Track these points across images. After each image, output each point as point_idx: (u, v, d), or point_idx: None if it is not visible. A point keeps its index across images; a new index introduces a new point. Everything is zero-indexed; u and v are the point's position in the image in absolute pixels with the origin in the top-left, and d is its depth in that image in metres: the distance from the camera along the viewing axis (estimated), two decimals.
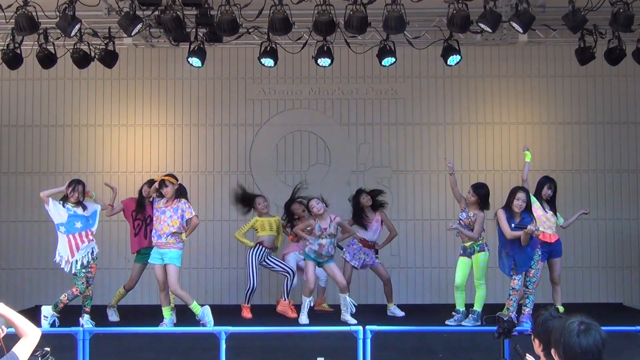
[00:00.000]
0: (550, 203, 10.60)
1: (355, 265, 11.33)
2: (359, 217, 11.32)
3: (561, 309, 10.38)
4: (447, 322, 10.38)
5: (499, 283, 12.07)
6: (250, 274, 11.24)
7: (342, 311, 10.50)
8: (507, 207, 9.91)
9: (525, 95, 13.31)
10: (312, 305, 10.78)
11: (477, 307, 10.34)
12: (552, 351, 3.82)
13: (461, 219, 10.46)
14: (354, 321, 10.25)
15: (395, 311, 11.40)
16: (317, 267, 10.74)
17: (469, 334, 9.59)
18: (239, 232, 11.43)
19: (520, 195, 9.84)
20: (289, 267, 11.30)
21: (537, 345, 4.27)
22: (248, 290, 11.25)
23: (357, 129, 13.34)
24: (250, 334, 8.91)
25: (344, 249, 11.30)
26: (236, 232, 11.48)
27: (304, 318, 10.50)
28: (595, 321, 3.80)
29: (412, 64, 13.11)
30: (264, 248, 11.26)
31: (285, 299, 11.24)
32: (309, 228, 10.65)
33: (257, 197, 11.54)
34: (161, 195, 9.99)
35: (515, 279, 9.84)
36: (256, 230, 11.35)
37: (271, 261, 11.32)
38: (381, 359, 7.90)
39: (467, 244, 10.46)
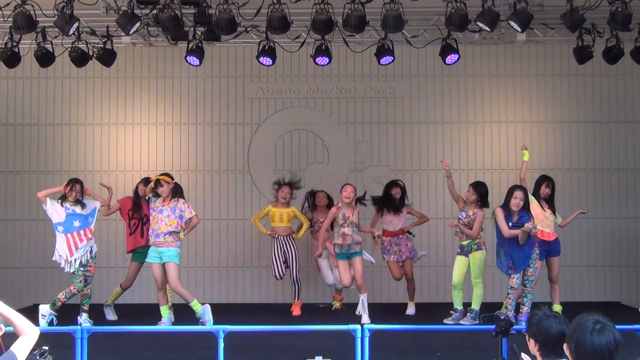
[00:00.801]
0: (549, 202, 10.64)
1: (393, 259, 11.42)
2: (387, 203, 11.46)
3: (559, 307, 10.43)
4: (445, 321, 10.42)
5: (496, 282, 12.15)
6: (273, 267, 11.46)
7: (362, 312, 10.49)
8: (505, 206, 9.94)
9: (524, 94, 13.34)
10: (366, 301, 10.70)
11: (475, 306, 10.39)
12: (565, 346, 3.85)
13: (460, 219, 10.50)
14: (368, 321, 10.28)
15: (409, 309, 11.56)
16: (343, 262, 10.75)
17: (467, 332, 9.63)
18: (255, 217, 11.60)
19: (518, 193, 9.88)
20: (295, 279, 11.45)
21: (532, 345, 4.28)
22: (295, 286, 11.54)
23: (355, 128, 13.38)
24: (248, 332, 8.91)
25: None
26: (253, 217, 11.64)
27: (365, 317, 10.41)
28: (612, 322, 3.80)
29: (410, 63, 13.16)
30: (279, 237, 11.42)
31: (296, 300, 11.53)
32: (333, 217, 10.71)
33: (283, 185, 11.57)
34: (157, 195, 10.03)
35: (514, 277, 9.89)
36: (271, 219, 11.51)
37: (291, 256, 11.41)
38: (379, 358, 7.89)
39: (465, 243, 10.51)
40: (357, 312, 10.45)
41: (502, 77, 13.33)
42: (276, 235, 11.42)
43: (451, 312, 10.52)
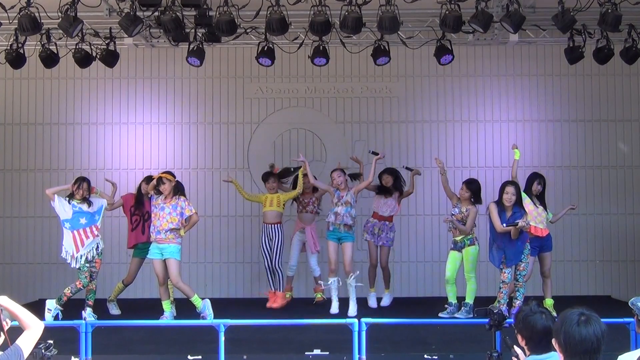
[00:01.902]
0: (540, 199, 10.76)
1: (374, 242, 11.53)
2: (380, 189, 11.59)
3: (551, 301, 10.60)
4: (440, 315, 10.57)
5: (490, 276, 12.24)
6: (263, 259, 11.63)
7: (350, 301, 10.67)
8: (499, 202, 10.13)
9: (516, 94, 13.45)
10: (339, 284, 10.88)
11: (469, 300, 10.54)
12: (553, 341, 3.94)
13: (454, 214, 10.67)
14: (353, 314, 10.43)
15: (385, 300, 11.65)
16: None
17: (461, 326, 9.73)
18: (246, 193, 11.77)
19: (509, 189, 10.03)
20: (275, 268, 11.52)
21: (520, 340, 4.45)
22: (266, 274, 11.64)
23: (352, 127, 13.49)
24: (248, 326, 9.01)
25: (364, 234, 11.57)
26: (245, 193, 11.77)
27: (334, 307, 10.64)
28: (596, 314, 3.93)
29: (405, 64, 13.22)
30: (266, 226, 11.55)
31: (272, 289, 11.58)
32: (325, 190, 11.02)
33: (270, 176, 11.72)
34: (159, 192, 10.12)
35: (505, 272, 10.02)
36: (262, 205, 11.66)
37: (275, 244, 11.49)
38: (376, 351, 8.00)
39: (458, 238, 10.67)
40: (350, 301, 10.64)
41: (495, 77, 13.43)
42: (264, 224, 11.60)
43: (446, 306, 10.68)
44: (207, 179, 13.44)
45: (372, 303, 11.37)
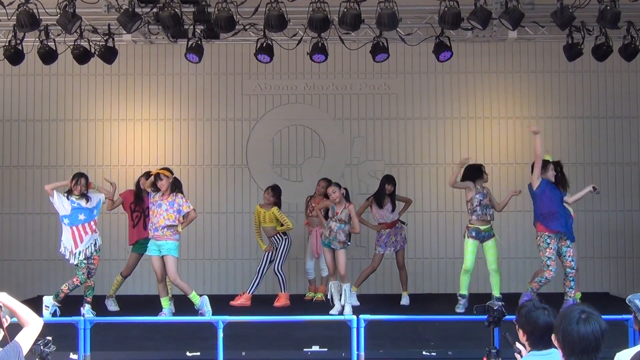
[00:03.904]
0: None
1: (390, 252, 11.58)
2: (380, 197, 11.59)
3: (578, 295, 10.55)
4: (456, 310, 10.47)
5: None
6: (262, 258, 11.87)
7: (344, 301, 10.60)
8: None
9: (515, 91, 13.47)
10: (340, 287, 10.86)
11: (498, 293, 10.44)
12: (553, 337, 3.95)
13: (481, 201, 10.51)
14: (335, 313, 10.45)
15: (403, 300, 11.66)
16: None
17: (460, 322, 9.68)
18: (255, 229, 11.93)
19: (550, 165, 10.10)
20: (276, 271, 11.64)
21: (521, 335, 4.43)
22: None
23: (350, 124, 13.50)
24: (247, 323, 9.00)
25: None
26: (254, 229, 11.96)
27: (336, 310, 10.62)
28: (597, 311, 3.91)
29: (404, 60, 13.25)
30: (269, 237, 11.73)
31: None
32: (325, 207, 10.90)
33: (267, 187, 11.84)
34: (157, 189, 10.10)
35: (551, 270, 9.96)
36: (262, 220, 11.76)
37: (277, 251, 11.65)
38: (374, 347, 8.00)
39: (483, 227, 10.52)
40: (341, 303, 10.61)
41: (494, 74, 13.43)
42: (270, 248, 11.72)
43: (459, 298, 10.57)
44: (206, 175, 13.44)
45: (354, 301, 11.33)
